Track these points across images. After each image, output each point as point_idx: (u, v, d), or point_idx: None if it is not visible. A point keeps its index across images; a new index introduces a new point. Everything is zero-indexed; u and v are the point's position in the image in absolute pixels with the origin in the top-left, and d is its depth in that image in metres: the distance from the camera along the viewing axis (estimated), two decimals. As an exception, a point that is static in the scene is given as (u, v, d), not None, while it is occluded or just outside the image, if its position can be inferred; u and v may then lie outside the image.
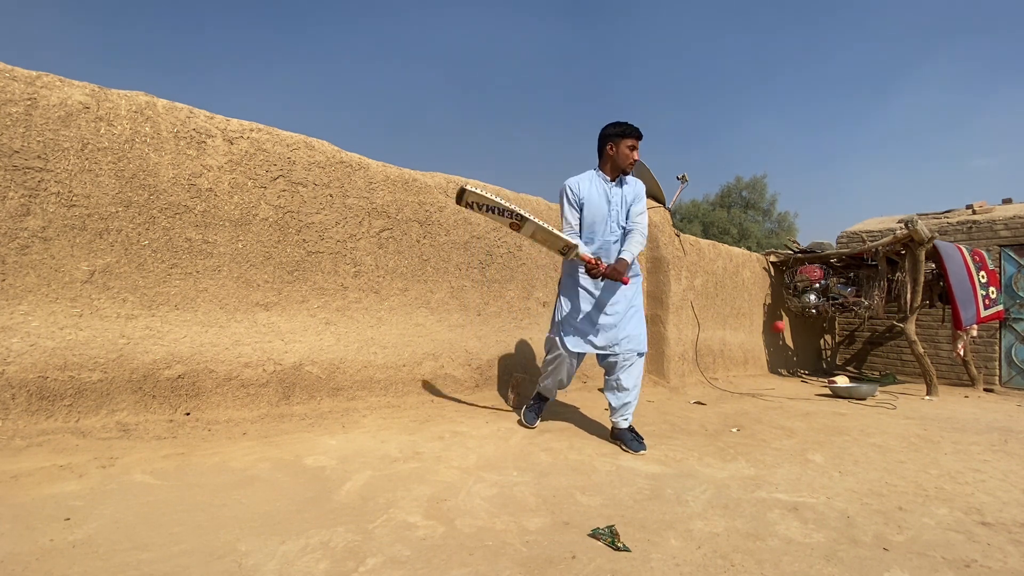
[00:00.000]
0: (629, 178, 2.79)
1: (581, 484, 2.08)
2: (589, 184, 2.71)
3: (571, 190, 2.70)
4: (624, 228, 2.72)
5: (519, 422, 3.02)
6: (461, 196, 2.44)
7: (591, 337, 2.70)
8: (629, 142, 2.66)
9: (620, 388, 2.70)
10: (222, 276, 2.66)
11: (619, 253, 2.65)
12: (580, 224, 2.71)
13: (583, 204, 2.69)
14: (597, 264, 2.51)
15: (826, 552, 1.58)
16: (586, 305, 2.70)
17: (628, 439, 2.66)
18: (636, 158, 2.69)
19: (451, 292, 3.59)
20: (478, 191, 2.42)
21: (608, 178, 2.73)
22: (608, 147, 2.70)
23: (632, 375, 2.71)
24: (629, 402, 2.70)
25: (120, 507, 1.62)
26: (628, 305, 2.72)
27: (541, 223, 2.47)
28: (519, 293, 3.98)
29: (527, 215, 2.47)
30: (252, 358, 2.72)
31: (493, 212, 2.49)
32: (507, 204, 2.46)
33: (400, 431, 2.71)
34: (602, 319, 2.69)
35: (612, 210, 2.69)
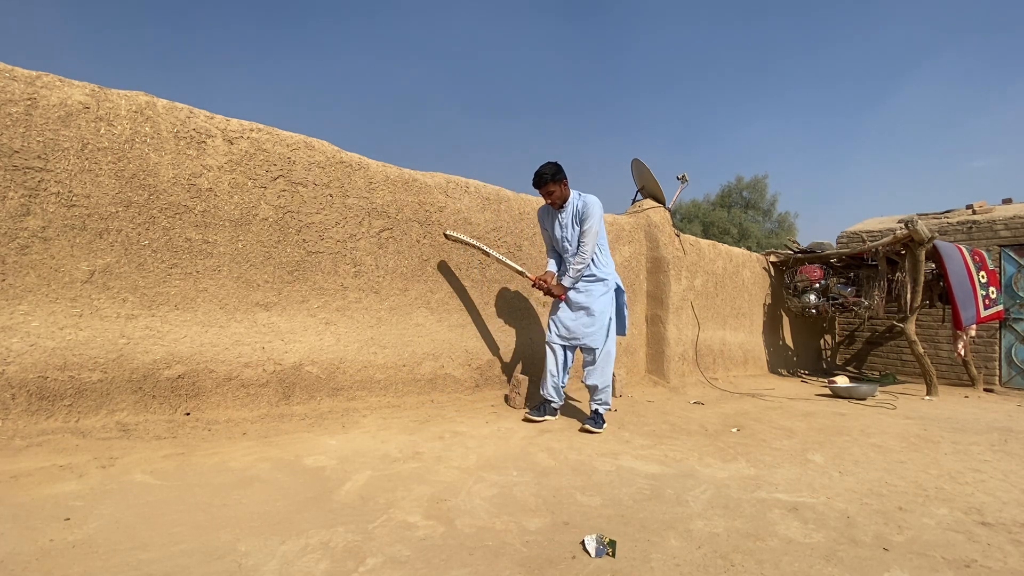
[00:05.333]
0: (577, 197, 3.16)
1: (581, 484, 2.08)
2: (545, 213, 3.30)
3: (538, 220, 3.40)
4: (575, 246, 3.17)
5: (525, 418, 3.16)
6: (446, 236, 3.41)
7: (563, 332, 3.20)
8: (542, 192, 3.13)
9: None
10: (222, 276, 2.66)
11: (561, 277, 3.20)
12: (550, 245, 3.35)
13: (544, 230, 3.34)
14: (540, 281, 3.20)
15: (826, 552, 1.58)
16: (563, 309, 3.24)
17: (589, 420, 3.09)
18: (551, 200, 3.14)
19: (451, 292, 3.59)
20: (454, 234, 3.37)
21: (554, 207, 3.22)
22: None
23: (594, 364, 3.13)
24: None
25: (120, 507, 1.62)
26: (584, 310, 3.17)
27: (499, 256, 3.42)
28: (519, 293, 3.98)
29: (489, 251, 3.40)
30: (252, 358, 2.72)
31: (468, 245, 3.44)
32: (475, 242, 3.38)
33: (400, 431, 2.71)
34: (569, 321, 3.20)
35: (561, 233, 3.20)
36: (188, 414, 2.51)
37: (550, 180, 3.06)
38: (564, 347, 3.19)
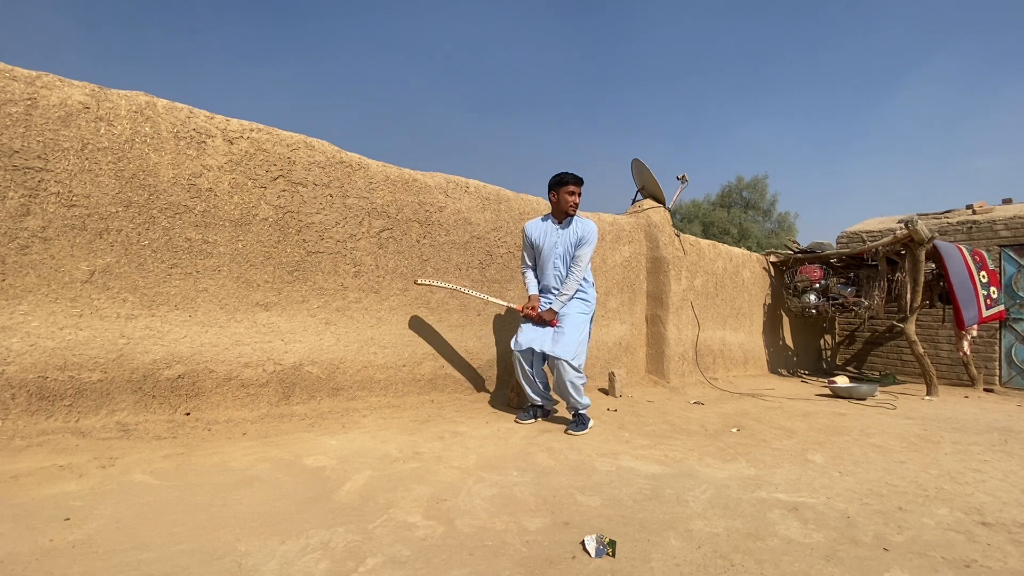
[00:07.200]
0: (578, 219, 3.11)
1: (581, 484, 2.08)
2: (540, 227, 3.15)
3: (525, 233, 3.20)
4: (568, 267, 3.07)
5: (516, 421, 3.12)
6: (417, 284, 3.30)
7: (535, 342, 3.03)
8: (568, 188, 3.04)
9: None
10: (222, 276, 2.66)
11: (551, 303, 3.07)
12: (535, 260, 3.19)
13: (534, 244, 3.15)
14: (527, 310, 3.07)
15: (826, 552, 1.58)
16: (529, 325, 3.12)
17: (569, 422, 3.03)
18: (576, 201, 3.06)
19: (451, 292, 3.59)
20: (426, 281, 3.24)
21: (556, 221, 3.13)
22: (551, 196, 3.12)
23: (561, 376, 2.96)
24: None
25: (120, 507, 1.62)
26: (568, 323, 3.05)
27: (475, 294, 3.35)
28: (519, 293, 3.98)
29: (464, 290, 3.32)
30: (252, 358, 2.72)
31: (443, 289, 3.38)
32: (449, 285, 3.29)
33: (400, 431, 2.71)
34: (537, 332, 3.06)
35: (555, 251, 3.10)
36: (188, 414, 2.51)
37: (582, 184, 3.07)
38: (532, 353, 3.05)
